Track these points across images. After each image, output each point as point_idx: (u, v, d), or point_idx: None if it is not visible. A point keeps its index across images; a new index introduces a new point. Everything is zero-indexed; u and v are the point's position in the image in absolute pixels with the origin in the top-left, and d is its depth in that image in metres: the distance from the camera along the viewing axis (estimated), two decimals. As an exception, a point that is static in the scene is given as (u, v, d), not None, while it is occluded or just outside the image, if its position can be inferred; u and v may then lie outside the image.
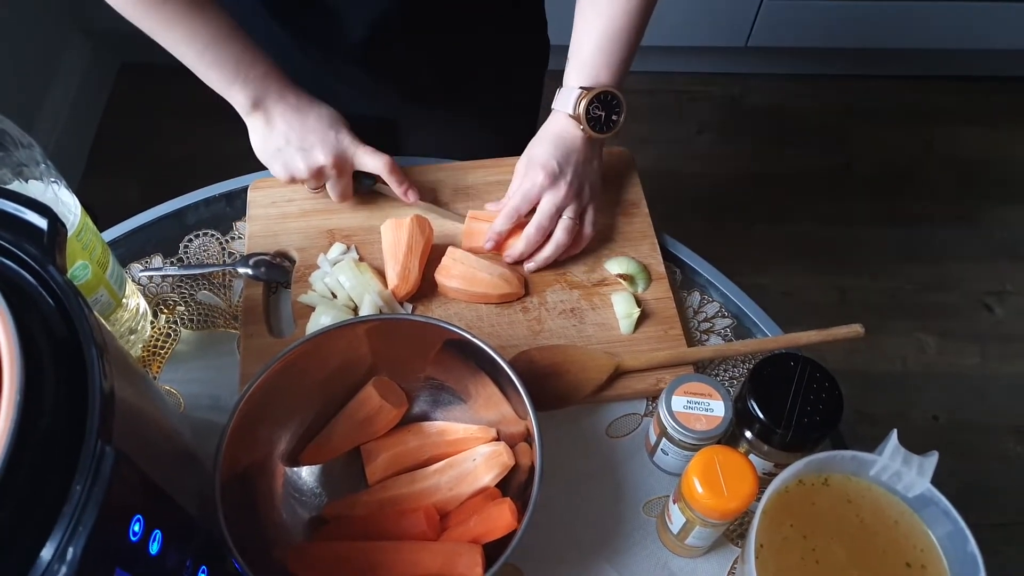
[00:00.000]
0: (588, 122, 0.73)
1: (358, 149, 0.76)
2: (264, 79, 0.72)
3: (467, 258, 0.75)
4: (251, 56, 0.71)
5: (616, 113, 0.74)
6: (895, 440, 0.54)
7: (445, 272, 0.75)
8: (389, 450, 0.64)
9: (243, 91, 0.72)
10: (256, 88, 0.72)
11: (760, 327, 0.77)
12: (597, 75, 0.73)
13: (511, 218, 0.75)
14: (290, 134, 0.74)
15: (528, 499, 0.55)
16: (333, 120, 0.75)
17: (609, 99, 0.73)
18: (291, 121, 0.73)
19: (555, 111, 0.76)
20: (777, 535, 0.54)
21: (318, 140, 0.74)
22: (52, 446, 0.36)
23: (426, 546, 0.58)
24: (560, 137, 0.75)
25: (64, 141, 1.81)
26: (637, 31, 0.73)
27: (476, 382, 0.64)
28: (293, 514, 0.62)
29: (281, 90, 0.73)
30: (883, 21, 1.84)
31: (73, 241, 0.60)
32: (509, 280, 0.74)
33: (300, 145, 0.74)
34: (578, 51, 0.74)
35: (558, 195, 0.74)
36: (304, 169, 0.75)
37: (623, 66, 0.74)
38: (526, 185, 0.74)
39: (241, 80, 0.71)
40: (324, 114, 0.75)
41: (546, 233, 0.75)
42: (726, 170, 1.95)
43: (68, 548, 0.35)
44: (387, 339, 0.64)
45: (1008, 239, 1.83)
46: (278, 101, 0.73)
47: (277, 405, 0.61)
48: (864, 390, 1.62)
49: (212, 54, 0.70)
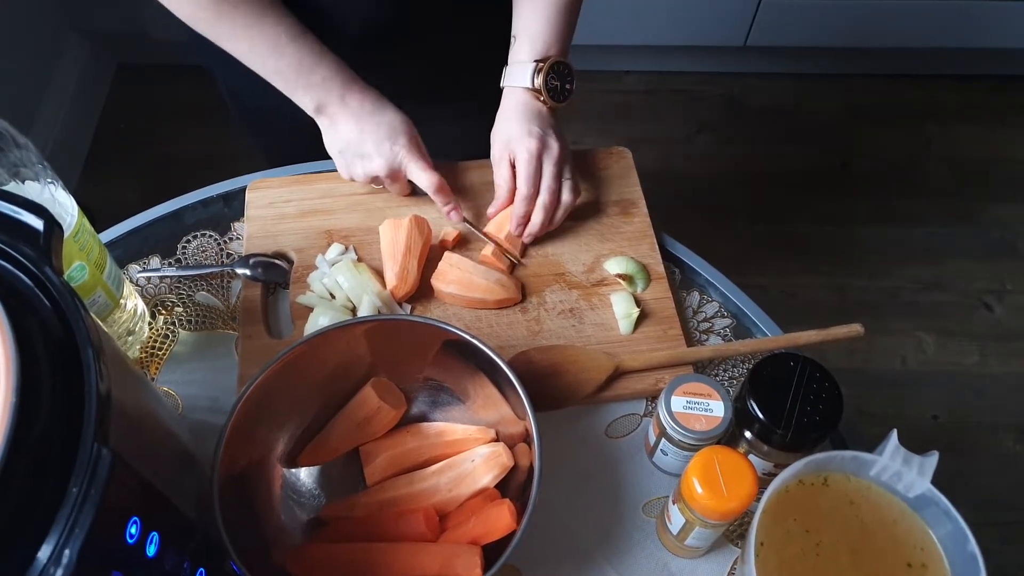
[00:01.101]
0: (548, 92, 0.76)
1: (412, 163, 0.76)
2: (324, 84, 0.73)
3: (463, 263, 0.74)
4: (312, 61, 0.72)
5: (569, 82, 0.78)
6: (895, 440, 0.54)
7: (442, 277, 0.74)
8: (388, 451, 0.64)
9: (305, 97, 0.74)
10: (317, 93, 0.74)
11: (759, 327, 0.77)
12: (548, 48, 0.77)
13: (530, 197, 0.76)
14: (350, 139, 0.75)
15: (527, 500, 0.55)
16: (392, 129, 0.75)
17: (562, 69, 0.77)
18: (351, 127, 0.75)
19: (510, 88, 0.79)
20: (780, 529, 0.54)
21: (374, 150, 0.75)
22: (48, 448, 0.36)
23: (425, 547, 0.58)
24: (525, 108, 0.77)
25: (61, 142, 1.81)
26: (577, 5, 0.77)
27: (475, 383, 0.64)
28: (292, 515, 0.62)
29: (343, 95, 0.74)
30: (881, 20, 1.85)
31: (70, 242, 0.60)
32: (506, 286, 0.74)
33: (358, 151, 0.76)
34: (527, 28, 0.77)
35: (554, 155, 0.76)
36: (361, 175, 0.78)
37: (569, 39, 0.78)
38: (523, 158, 0.75)
39: (303, 86, 0.73)
40: (384, 122, 0.75)
41: (557, 195, 0.77)
42: (725, 170, 1.94)
43: (65, 550, 0.34)
44: (386, 340, 0.63)
45: (1007, 238, 1.83)
46: (340, 106, 0.74)
47: (275, 406, 0.61)
48: (863, 389, 1.62)
49: (274, 62, 0.72)
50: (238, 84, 0.89)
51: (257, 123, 0.99)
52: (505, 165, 0.78)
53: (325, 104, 0.74)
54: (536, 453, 0.56)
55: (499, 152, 0.78)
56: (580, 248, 0.80)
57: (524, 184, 0.76)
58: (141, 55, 1.98)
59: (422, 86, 0.91)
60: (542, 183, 0.76)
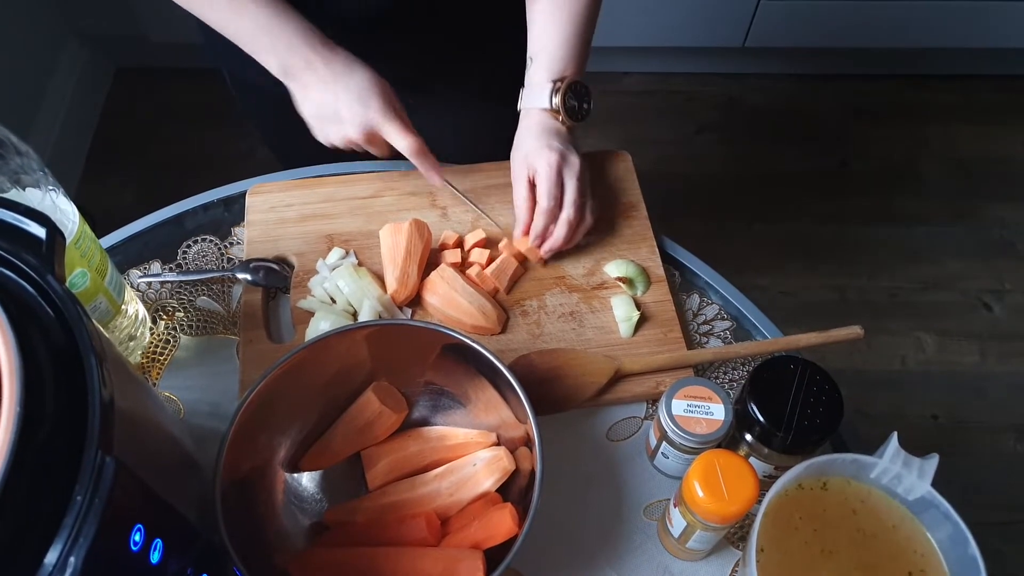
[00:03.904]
0: (567, 112, 0.76)
1: (387, 124, 0.73)
2: (289, 48, 0.71)
3: (454, 280, 0.73)
4: (274, 22, 0.70)
5: (586, 101, 0.78)
6: (895, 443, 0.54)
7: (431, 287, 0.74)
8: (389, 455, 0.64)
9: (269, 58, 0.72)
10: (281, 55, 0.71)
11: (759, 329, 0.77)
12: (565, 68, 0.76)
13: (549, 210, 0.74)
14: (321, 103, 0.73)
15: (529, 504, 0.55)
16: (363, 91, 0.72)
17: (579, 88, 0.77)
18: (321, 91, 0.72)
19: (527, 110, 0.78)
20: (781, 532, 0.54)
21: (347, 113, 0.72)
22: (52, 456, 0.36)
23: (427, 552, 0.58)
24: (544, 127, 0.77)
25: (61, 147, 1.81)
26: (592, 25, 0.77)
27: (476, 387, 0.64)
28: (294, 520, 0.62)
29: (309, 59, 0.71)
30: (881, 20, 1.85)
31: (72, 249, 0.60)
32: (487, 314, 0.73)
33: (331, 116, 0.73)
34: (543, 48, 0.77)
35: (575, 170, 0.75)
36: (337, 140, 0.75)
37: (585, 59, 0.78)
38: (544, 172, 0.74)
39: (264, 48, 0.71)
40: (354, 84, 0.72)
41: (583, 210, 0.76)
42: (725, 170, 1.95)
43: (69, 558, 0.35)
44: (387, 344, 0.64)
45: (1006, 238, 1.83)
46: (306, 69, 0.72)
47: (277, 411, 0.61)
48: (863, 390, 1.62)
49: (235, 22, 0.71)
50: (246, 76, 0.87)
51: (264, 119, 0.99)
52: (523, 184, 0.76)
53: (290, 67, 0.72)
54: (537, 457, 0.57)
55: (518, 170, 0.77)
56: (580, 251, 0.80)
57: (544, 197, 0.74)
58: (139, 58, 1.98)
59: (421, 72, 0.90)
60: (565, 197, 0.74)
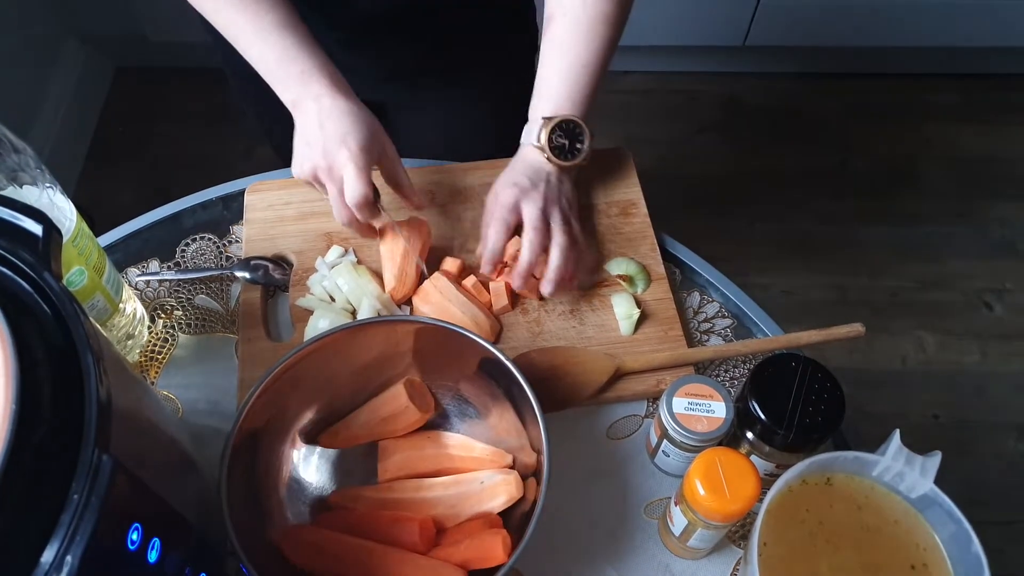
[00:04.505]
0: (552, 151, 0.73)
1: (348, 164, 0.68)
2: (301, 78, 0.70)
3: (448, 290, 0.73)
4: (294, 53, 0.70)
5: (580, 141, 0.74)
6: (898, 440, 0.54)
7: (423, 296, 0.73)
8: (405, 451, 0.64)
9: (284, 90, 0.71)
10: (294, 88, 0.71)
11: (760, 327, 0.76)
12: (559, 105, 0.74)
13: (502, 231, 0.72)
14: (306, 127, 0.70)
15: (523, 535, 0.54)
16: (349, 131, 0.69)
17: (572, 127, 0.74)
18: (314, 123, 0.70)
19: (521, 145, 0.77)
20: (782, 530, 0.54)
21: (320, 144, 0.69)
22: (49, 454, 0.36)
23: (413, 558, 0.57)
24: (526, 164, 0.75)
25: (60, 146, 1.81)
26: (602, 65, 0.75)
27: (500, 409, 0.64)
28: (297, 494, 0.63)
29: (319, 94, 0.70)
30: (880, 19, 1.85)
31: (69, 247, 0.60)
32: (480, 324, 0.71)
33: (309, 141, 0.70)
34: (545, 84, 0.75)
35: (537, 201, 0.72)
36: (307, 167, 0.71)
37: (589, 98, 0.75)
38: (503, 196, 0.72)
39: (280, 79, 0.71)
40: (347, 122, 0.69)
41: (545, 235, 0.72)
42: (725, 170, 1.94)
43: (66, 557, 0.34)
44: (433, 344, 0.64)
45: (1007, 237, 1.83)
46: (314, 103, 0.70)
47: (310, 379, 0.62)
48: (864, 389, 1.62)
49: (256, 50, 0.70)
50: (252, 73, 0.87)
51: (267, 117, 0.98)
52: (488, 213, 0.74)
53: (299, 100, 0.71)
54: (542, 491, 0.55)
55: (491, 196, 0.75)
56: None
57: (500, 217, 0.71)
58: (139, 58, 1.97)
59: (419, 70, 0.90)
60: (525, 222, 0.71)
